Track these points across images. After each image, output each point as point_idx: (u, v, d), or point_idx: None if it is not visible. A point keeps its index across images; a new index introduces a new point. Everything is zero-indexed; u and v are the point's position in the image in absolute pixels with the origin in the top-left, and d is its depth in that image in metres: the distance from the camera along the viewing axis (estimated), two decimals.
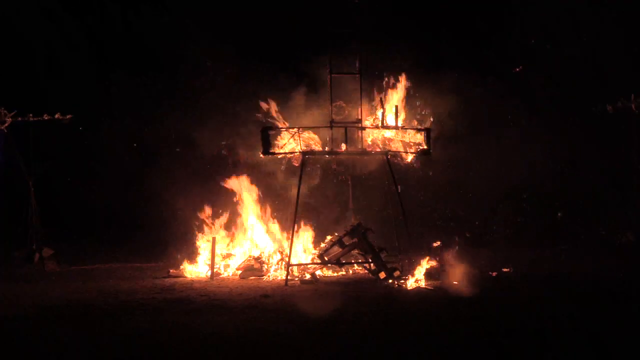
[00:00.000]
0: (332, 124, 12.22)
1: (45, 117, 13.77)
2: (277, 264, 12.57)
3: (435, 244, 12.24)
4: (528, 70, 16.70)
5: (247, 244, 13.10)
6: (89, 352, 7.83)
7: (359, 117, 12.31)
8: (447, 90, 14.08)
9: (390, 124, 12.39)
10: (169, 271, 12.73)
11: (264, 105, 12.49)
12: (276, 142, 12.12)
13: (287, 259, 12.07)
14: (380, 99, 12.48)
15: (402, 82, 12.54)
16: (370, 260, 12.05)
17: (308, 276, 12.04)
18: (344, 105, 12.51)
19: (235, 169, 14.00)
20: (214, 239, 12.71)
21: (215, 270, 12.50)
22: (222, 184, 13.41)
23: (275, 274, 12.39)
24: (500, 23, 16.52)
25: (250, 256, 12.76)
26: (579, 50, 16.52)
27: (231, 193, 13.54)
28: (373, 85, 12.81)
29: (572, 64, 16.58)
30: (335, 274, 12.57)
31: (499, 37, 16.51)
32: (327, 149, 12.32)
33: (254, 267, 12.51)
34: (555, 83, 16.84)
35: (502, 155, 16.64)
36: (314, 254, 12.61)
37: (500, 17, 16.58)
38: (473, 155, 16.15)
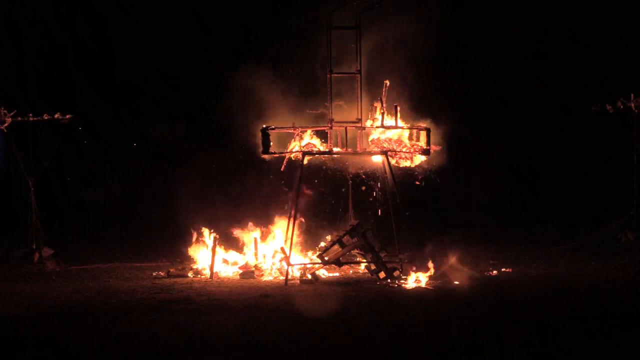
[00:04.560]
0: (331, 124, 12.23)
1: (45, 117, 13.74)
2: (279, 262, 12.55)
3: (435, 244, 12.23)
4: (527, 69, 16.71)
5: (247, 248, 13.07)
6: (89, 352, 7.83)
7: (359, 117, 12.31)
8: (443, 89, 14.11)
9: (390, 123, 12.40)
10: (169, 271, 12.72)
11: None
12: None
13: (287, 259, 12.05)
14: (380, 98, 12.48)
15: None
16: (370, 260, 12.05)
17: (308, 276, 12.04)
18: (344, 105, 12.52)
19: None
20: (214, 239, 12.70)
21: (215, 271, 12.49)
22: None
23: (275, 274, 12.38)
24: (499, 22, 16.52)
25: (248, 262, 12.75)
26: (580, 50, 16.52)
27: (231, 193, 13.55)
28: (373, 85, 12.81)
29: (572, 63, 16.58)
30: (336, 274, 12.56)
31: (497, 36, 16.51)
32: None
33: (254, 269, 12.51)
34: (555, 82, 16.83)
35: (501, 154, 16.65)
36: (314, 253, 12.60)
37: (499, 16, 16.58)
38: (471, 155, 16.16)
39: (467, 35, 16.30)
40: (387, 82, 12.52)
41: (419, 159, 12.61)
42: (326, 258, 12.05)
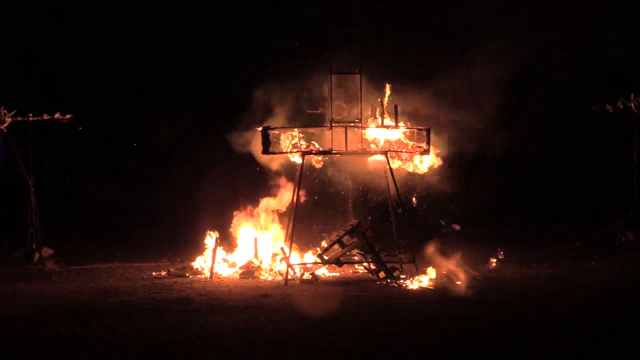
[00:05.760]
0: (332, 124, 12.23)
1: (45, 117, 13.75)
2: (279, 262, 12.55)
3: (435, 244, 12.25)
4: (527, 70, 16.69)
5: (247, 249, 13.07)
6: (88, 352, 7.83)
7: (359, 117, 12.32)
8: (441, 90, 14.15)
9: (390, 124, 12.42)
10: (169, 270, 12.72)
11: None
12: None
13: (287, 259, 12.05)
14: (380, 99, 12.50)
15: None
16: (370, 260, 12.05)
17: (308, 276, 12.04)
18: (344, 105, 12.53)
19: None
20: (216, 239, 12.69)
21: (215, 271, 12.49)
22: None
23: (275, 273, 12.37)
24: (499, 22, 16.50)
25: (250, 261, 12.76)
26: (580, 50, 16.50)
27: (231, 193, 13.56)
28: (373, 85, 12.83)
29: (572, 63, 16.55)
30: (336, 274, 12.56)
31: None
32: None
33: (253, 268, 12.52)
34: (555, 82, 16.82)
35: (501, 155, 16.63)
36: (314, 253, 12.60)
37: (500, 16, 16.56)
38: (471, 156, 16.15)
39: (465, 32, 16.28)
40: (388, 84, 12.54)
41: (423, 166, 12.65)
42: (326, 258, 12.05)
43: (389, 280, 11.71)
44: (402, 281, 11.59)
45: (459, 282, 11.41)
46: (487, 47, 15.56)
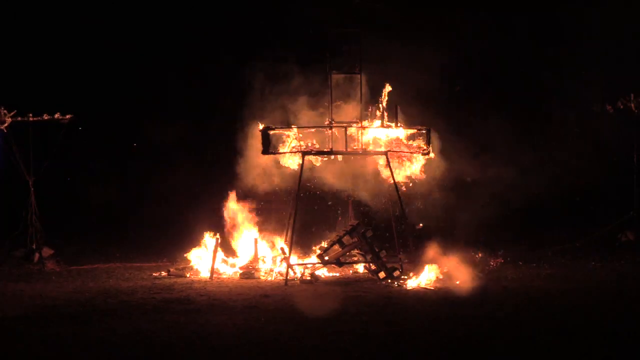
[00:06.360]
0: (332, 124, 12.24)
1: (45, 117, 13.75)
2: (279, 263, 12.55)
3: (435, 244, 12.26)
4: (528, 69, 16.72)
5: (246, 249, 13.07)
6: (89, 352, 7.83)
7: (359, 117, 12.33)
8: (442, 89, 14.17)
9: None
10: (169, 271, 12.72)
11: None
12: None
13: (287, 259, 12.05)
14: (380, 99, 12.50)
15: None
16: (370, 260, 12.05)
17: (307, 276, 12.04)
18: (343, 105, 12.54)
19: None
20: (216, 239, 12.69)
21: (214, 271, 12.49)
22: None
23: (275, 274, 12.37)
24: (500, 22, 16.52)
25: (250, 261, 12.76)
26: (580, 50, 16.52)
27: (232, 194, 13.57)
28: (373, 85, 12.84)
29: (572, 62, 16.58)
30: (336, 274, 12.56)
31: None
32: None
33: (253, 269, 12.52)
34: (555, 82, 16.83)
35: (500, 155, 16.62)
36: (314, 253, 12.60)
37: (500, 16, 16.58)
38: (471, 155, 16.16)
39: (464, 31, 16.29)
40: (387, 84, 12.55)
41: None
42: (326, 258, 12.06)
43: (389, 280, 11.71)
44: (402, 281, 11.59)
45: (458, 282, 11.41)
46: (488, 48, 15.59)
